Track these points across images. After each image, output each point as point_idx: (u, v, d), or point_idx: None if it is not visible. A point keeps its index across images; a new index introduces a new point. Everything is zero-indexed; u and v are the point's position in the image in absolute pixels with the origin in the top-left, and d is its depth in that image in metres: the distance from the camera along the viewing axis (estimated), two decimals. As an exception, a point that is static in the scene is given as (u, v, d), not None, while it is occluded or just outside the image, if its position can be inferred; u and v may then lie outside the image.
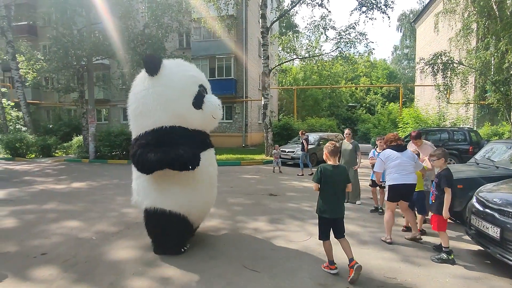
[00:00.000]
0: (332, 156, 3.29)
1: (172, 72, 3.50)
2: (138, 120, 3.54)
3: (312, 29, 14.74)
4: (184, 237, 3.80)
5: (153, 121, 3.40)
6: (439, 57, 13.40)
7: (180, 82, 3.47)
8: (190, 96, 3.48)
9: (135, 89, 3.58)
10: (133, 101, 3.57)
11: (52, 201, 6.31)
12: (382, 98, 41.57)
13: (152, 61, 3.42)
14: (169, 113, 3.39)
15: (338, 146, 3.33)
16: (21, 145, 14.93)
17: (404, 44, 44.10)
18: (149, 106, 3.38)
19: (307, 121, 20.78)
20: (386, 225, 4.15)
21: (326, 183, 3.17)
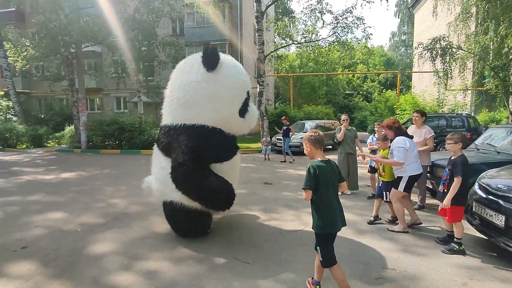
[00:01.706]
0: (319, 147, 2.48)
1: (229, 73, 3.35)
2: (179, 109, 3.34)
3: (309, 14, 14.29)
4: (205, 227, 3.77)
5: (197, 117, 3.25)
6: (438, 42, 13.11)
7: (234, 85, 3.35)
8: (239, 102, 3.40)
9: (184, 77, 3.33)
10: (179, 89, 3.33)
11: (39, 192, 6.08)
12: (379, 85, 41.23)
13: (212, 56, 3.22)
14: (216, 114, 3.26)
15: (322, 134, 2.53)
16: (11, 135, 14.59)
17: (401, 30, 43.48)
18: (197, 101, 3.22)
19: (303, 109, 20.48)
20: (399, 214, 3.94)
21: (325, 186, 2.37)
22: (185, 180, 3.18)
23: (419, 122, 4.89)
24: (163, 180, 3.48)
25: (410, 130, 4.99)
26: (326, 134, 13.67)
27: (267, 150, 10.73)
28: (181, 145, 3.20)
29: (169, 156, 3.40)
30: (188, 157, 3.13)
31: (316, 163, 2.40)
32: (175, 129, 3.34)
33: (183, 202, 3.40)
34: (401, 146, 3.86)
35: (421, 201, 4.92)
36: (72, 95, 14.11)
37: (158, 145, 3.59)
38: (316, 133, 2.51)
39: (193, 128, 3.26)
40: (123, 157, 11.71)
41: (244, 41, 21.66)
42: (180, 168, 3.16)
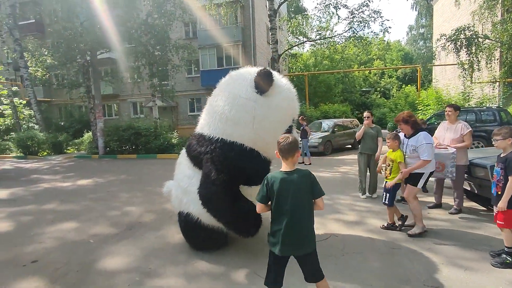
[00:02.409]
0: (285, 156, 2.07)
1: (280, 97, 3.04)
2: (221, 121, 3.05)
3: (323, 9, 13.86)
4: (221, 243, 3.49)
5: (237, 135, 2.99)
6: (462, 32, 12.40)
7: (283, 111, 3.08)
8: (283, 129, 3.10)
9: (234, 90, 3.06)
10: (225, 101, 3.05)
11: (54, 201, 6.00)
12: (397, 81, 40.07)
13: (265, 81, 2.94)
14: (257, 137, 3.00)
15: (294, 140, 2.09)
16: (32, 143, 14.91)
17: (419, 23, 42.05)
18: (241, 119, 2.95)
19: (320, 108, 20.04)
20: (418, 214, 3.66)
21: (278, 200, 2.02)
22: (214, 200, 2.96)
23: (453, 117, 4.46)
24: (185, 189, 3.25)
25: (442, 126, 4.61)
26: (345, 133, 13.20)
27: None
28: (215, 161, 2.97)
29: (197, 166, 3.17)
30: (221, 176, 2.91)
31: (273, 174, 2.09)
32: (211, 141, 3.08)
33: (200, 217, 3.16)
34: (429, 143, 3.56)
35: (458, 204, 4.46)
36: (89, 101, 14.27)
37: (188, 152, 3.33)
38: (285, 140, 2.07)
39: (232, 146, 3.00)
40: (139, 162, 11.68)
41: (257, 41, 21.40)
42: (211, 186, 2.93)
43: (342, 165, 9.40)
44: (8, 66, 20.25)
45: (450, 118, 4.47)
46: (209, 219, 3.10)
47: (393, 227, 3.90)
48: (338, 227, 4.09)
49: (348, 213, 4.68)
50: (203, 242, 3.37)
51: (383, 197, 3.87)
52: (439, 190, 4.73)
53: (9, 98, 19.44)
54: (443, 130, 4.55)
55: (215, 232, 3.22)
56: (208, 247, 3.40)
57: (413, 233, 3.65)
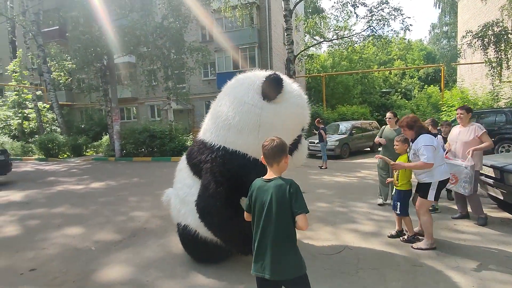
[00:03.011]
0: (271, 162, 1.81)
1: (289, 104, 2.80)
2: (224, 128, 2.83)
3: (340, 8, 13.46)
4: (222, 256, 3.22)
5: (241, 143, 2.77)
6: (490, 27, 11.65)
7: (292, 119, 2.85)
8: (291, 138, 2.91)
9: (239, 94, 2.82)
10: (230, 106, 2.82)
11: (65, 204, 5.99)
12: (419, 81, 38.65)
13: (274, 87, 2.70)
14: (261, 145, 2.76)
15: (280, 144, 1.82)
16: (53, 146, 15.32)
17: (443, 21, 40.39)
18: (246, 126, 2.73)
19: (337, 110, 19.49)
20: (427, 228, 3.37)
21: (254, 212, 1.82)
22: (212, 214, 2.75)
23: (465, 119, 4.12)
24: (183, 199, 3.05)
25: (455, 130, 4.25)
26: (363, 136, 12.70)
27: (299, 155, 10.05)
28: (215, 171, 2.75)
29: (197, 175, 2.96)
30: (221, 189, 2.70)
31: (255, 180, 1.85)
32: (212, 148, 2.86)
33: (198, 230, 2.93)
34: (429, 145, 3.20)
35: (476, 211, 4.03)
36: (106, 105, 14.50)
37: (189, 160, 3.12)
38: (269, 144, 1.80)
39: (234, 155, 2.77)
40: (153, 164, 11.69)
41: (274, 43, 21.17)
42: (209, 199, 2.73)
43: (360, 169, 8.97)
44: (33, 72, 21.05)
45: (463, 120, 4.15)
46: (208, 232, 2.88)
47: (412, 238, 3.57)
48: (353, 238, 3.76)
49: (364, 223, 4.33)
50: (202, 255, 3.15)
51: (395, 206, 3.59)
52: (460, 199, 4.30)
53: (33, 102, 20.23)
54: (456, 133, 4.23)
55: (215, 246, 2.98)
56: (208, 261, 3.18)
57: (418, 247, 3.36)
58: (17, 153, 16.27)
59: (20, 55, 21.45)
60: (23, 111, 21.61)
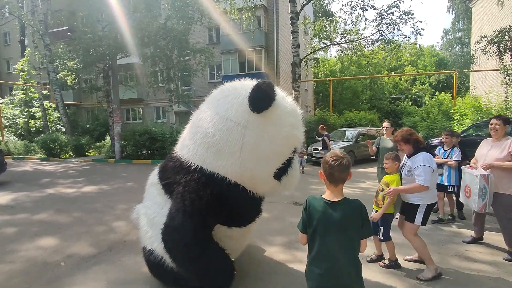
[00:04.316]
0: (336, 181, 1.71)
1: (277, 122, 2.41)
2: (202, 146, 2.49)
3: (349, 11, 13.04)
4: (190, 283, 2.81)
5: (219, 165, 2.41)
6: (507, 33, 11.08)
7: (281, 141, 2.43)
8: (279, 162, 2.49)
9: (221, 109, 2.46)
10: (210, 122, 2.47)
11: (50, 210, 5.71)
12: (430, 88, 37.83)
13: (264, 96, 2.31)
14: (244, 170, 2.39)
15: (348, 160, 1.72)
16: (55, 145, 15.22)
17: (456, 27, 39.49)
18: (228, 146, 2.37)
19: (344, 115, 18.99)
20: (424, 254, 2.99)
21: (315, 236, 1.69)
22: (176, 251, 2.43)
23: (501, 132, 3.47)
24: (152, 219, 2.71)
25: (486, 144, 3.64)
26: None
27: (302, 162, 9.66)
28: (186, 199, 2.37)
29: (169, 194, 2.61)
30: (189, 222, 2.34)
31: (313, 200, 1.76)
32: (188, 169, 2.51)
33: (165, 258, 2.58)
34: (428, 166, 2.85)
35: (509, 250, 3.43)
36: (108, 105, 14.35)
37: (161, 177, 2.76)
38: (337, 160, 1.69)
39: (211, 178, 2.41)
40: (152, 168, 11.30)
41: (281, 46, 20.89)
42: (174, 234, 2.38)
43: (364, 180, 8.50)
44: (40, 71, 21.17)
45: (497, 133, 3.48)
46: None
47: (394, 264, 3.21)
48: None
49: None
50: (171, 282, 2.77)
51: (377, 231, 3.17)
52: (479, 221, 3.76)
53: (39, 101, 20.29)
54: (486, 148, 3.60)
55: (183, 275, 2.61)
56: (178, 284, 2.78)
57: (425, 278, 2.93)
58: (20, 152, 16.23)
59: (28, 54, 21.63)
60: (30, 109, 21.73)
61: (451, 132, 4.75)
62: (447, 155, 4.59)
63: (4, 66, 31.44)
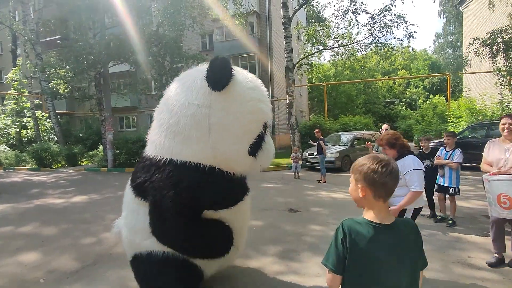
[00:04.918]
0: (385, 194, 1.23)
1: (243, 97, 2.34)
2: (168, 138, 2.38)
3: (341, 16, 13.07)
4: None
5: (190, 152, 2.31)
6: (499, 35, 11.14)
7: (248, 115, 2.35)
8: (251, 138, 2.40)
9: (181, 96, 2.37)
10: (172, 111, 2.37)
11: (35, 222, 5.48)
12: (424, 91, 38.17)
13: (222, 71, 2.23)
14: (216, 152, 2.31)
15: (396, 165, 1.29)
16: (46, 155, 14.92)
17: (447, 31, 39.96)
18: (195, 131, 2.28)
19: (339, 120, 18.96)
20: None
21: (362, 271, 1.20)
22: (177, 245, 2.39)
23: None
24: (133, 227, 2.56)
25: (497, 147, 3.20)
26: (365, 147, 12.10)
27: (297, 167, 9.51)
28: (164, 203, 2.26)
29: (142, 197, 2.45)
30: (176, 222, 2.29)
31: (353, 224, 1.23)
32: (158, 165, 2.38)
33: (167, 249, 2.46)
34: (419, 169, 2.75)
35: None
36: (100, 114, 14.15)
37: (132, 180, 2.61)
38: (384, 167, 1.21)
39: (184, 168, 2.30)
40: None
41: (275, 51, 20.91)
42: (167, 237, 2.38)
43: (361, 184, 8.36)
44: (32, 80, 20.90)
45: (510, 134, 3.09)
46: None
47: None
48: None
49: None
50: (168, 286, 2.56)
51: None
52: (500, 235, 3.17)
53: (31, 111, 20.01)
54: (500, 151, 3.15)
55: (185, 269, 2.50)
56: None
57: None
58: (10, 162, 15.87)
59: (20, 64, 21.39)
60: (22, 119, 21.41)
61: (453, 133, 4.69)
62: (448, 156, 4.50)
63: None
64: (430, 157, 4.82)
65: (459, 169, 4.51)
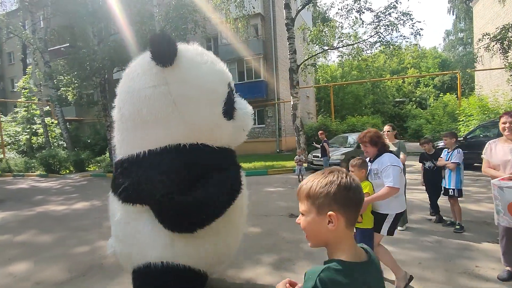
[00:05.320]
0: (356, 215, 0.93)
1: (194, 63, 2.29)
2: (137, 130, 2.30)
3: (345, 15, 12.84)
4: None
5: (164, 135, 2.23)
6: (510, 29, 10.73)
7: (206, 78, 2.30)
8: (220, 100, 2.33)
9: (134, 84, 2.30)
10: (130, 102, 2.30)
11: (34, 229, 5.46)
12: (434, 90, 37.36)
13: (164, 45, 2.16)
14: (191, 125, 2.22)
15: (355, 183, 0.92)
16: (54, 161, 15.11)
17: (457, 27, 39.12)
18: (159, 112, 2.20)
19: (347, 121, 18.66)
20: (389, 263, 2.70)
21: None
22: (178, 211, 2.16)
23: None
24: (126, 240, 2.41)
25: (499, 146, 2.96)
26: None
27: (301, 170, 9.30)
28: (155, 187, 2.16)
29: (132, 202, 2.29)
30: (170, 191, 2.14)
31: (333, 273, 0.83)
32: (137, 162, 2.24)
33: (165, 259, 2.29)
34: (395, 165, 2.63)
35: None
36: (105, 119, 14.25)
37: (115, 191, 2.44)
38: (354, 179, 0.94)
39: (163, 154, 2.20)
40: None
41: (280, 53, 20.75)
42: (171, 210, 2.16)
43: (367, 187, 8.12)
44: (41, 88, 21.30)
45: None
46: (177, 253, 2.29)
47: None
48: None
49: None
50: None
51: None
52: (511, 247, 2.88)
53: (40, 118, 20.38)
54: (505, 153, 2.86)
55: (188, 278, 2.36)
56: None
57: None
58: (20, 169, 16.14)
59: (29, 72, 21.86)
60: (32, 126, 21.84)
61: (451, 133, 4.51)
62: (449, 157, 4.30)
63: (9, 85, 31.95)
64: (432, 158, 4.66)
65: (461, 170, 4.26)
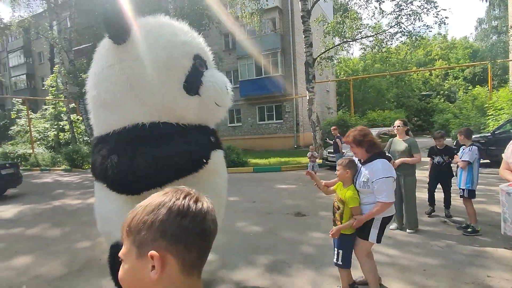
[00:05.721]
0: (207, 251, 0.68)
1: (150, 37, 2.17)
2: (100, 113, 2.34)
3: (364, 5, 12.30)
4: None
5: (123, 116, 2.18)
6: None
7: (162, 53, 2.15)
8: (180, 75, 2.18)
9: (96, 66, 2.34)
10: (92, 85, 2.34)
11: (47, 223, 5.65)
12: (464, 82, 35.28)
13: (116, 21, 2.09)
14: (147, 103, 2.16)
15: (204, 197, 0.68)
16: (77, 157, 15.73)
17: (491, 15, 36.57)
18: (115, 93, 2.17)
19: (367, 116, 18.03)
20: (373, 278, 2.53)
21: None
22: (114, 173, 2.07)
23: None
24: (105, 217, 2.40)
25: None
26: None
27: (314, 167, 9.02)
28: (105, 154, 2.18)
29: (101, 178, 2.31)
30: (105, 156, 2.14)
31: None
32: (105, 139, 2.27)
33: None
34: (389, 176, 2.36)
35: None
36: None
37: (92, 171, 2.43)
38: (198, 200, 0.66)
39: (124, 133, 2.15)
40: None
41: (297, 47, 20.32)
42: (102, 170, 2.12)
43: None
44: (66, 86, 22.22)
45: None
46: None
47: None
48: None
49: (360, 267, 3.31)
50: None
51: (335, 255, 2.57)
52: None
53: (67, 115, 21.29)
54: None
55: None
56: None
57: None
58: (47, 163, 16.96)
59: (56, 71, 22.85)
60: (59, 123, 22.87)
61: (466, 130, 4.17)
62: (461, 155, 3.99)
63: (39, 83, 33.67)
64: (442, 153, 4.43)
65: (473, 169, 3.89)
